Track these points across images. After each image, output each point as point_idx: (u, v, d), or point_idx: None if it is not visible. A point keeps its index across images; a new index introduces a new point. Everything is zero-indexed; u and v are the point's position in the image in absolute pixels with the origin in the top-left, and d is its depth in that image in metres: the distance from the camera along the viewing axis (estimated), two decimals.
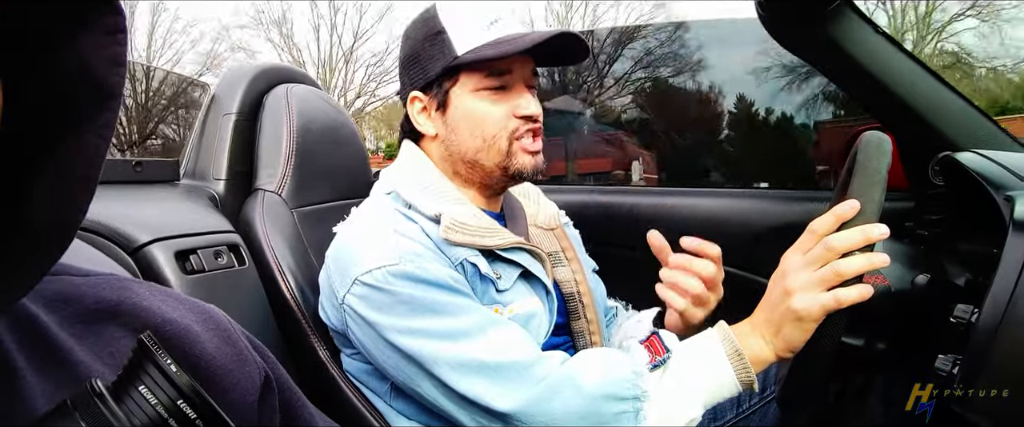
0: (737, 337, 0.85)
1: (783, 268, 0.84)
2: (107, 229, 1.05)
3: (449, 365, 0.85)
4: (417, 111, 1.06)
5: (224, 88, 1.38)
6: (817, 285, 0.79)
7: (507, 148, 1.01)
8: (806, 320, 0.80)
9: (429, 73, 1.02)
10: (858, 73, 1.12)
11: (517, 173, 1.03)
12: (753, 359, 0.84)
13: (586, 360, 0.87)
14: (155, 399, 0.32)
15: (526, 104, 1.01)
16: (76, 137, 0.40)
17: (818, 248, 0.81)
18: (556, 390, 0.83)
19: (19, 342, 0.42)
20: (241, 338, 0.55)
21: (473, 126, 1.01)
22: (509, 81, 1.01)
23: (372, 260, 0.90)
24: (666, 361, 0.84)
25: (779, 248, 1.49)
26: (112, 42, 0.40)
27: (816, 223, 0.82)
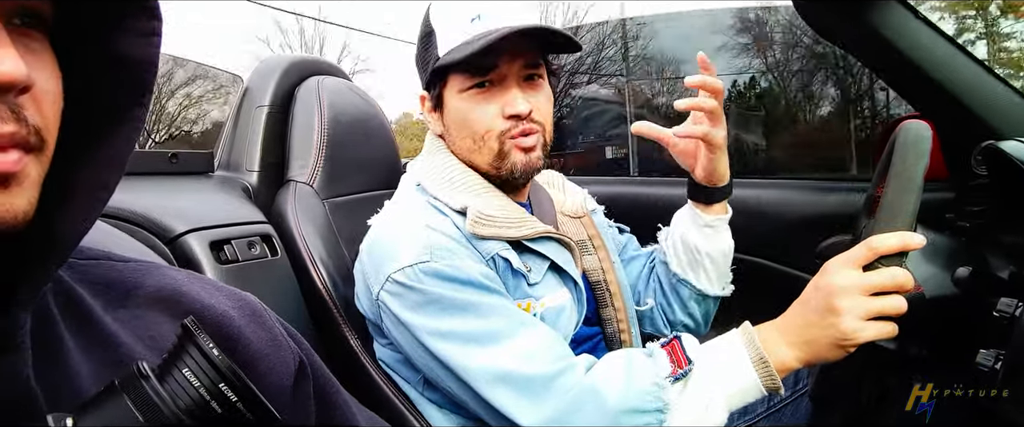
0: (762, 342, 0.82)
1: (831, 281, 0.78)
2: (145, 219, 1.07)
3: (476, 373, 0.85)
4: (427, 111, 1.06)
5: (257, 80, 1.40)
6: (870, 313, 0.76)
7: (499, 148, 0.98)
8: (847, 346, 0.77)
9: (425, 74, 1.02)
10: (897, 60, 1.09)
11: (508, 173, 0.99)
12: (777, 365, 0.81)
13: (609, 369, 0.86)
14: (198, 382, 0.33)
15: (512, 101, 0.96)
16: (111, 128, 0.43)
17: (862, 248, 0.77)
18: (579, 404, 0.82)
19: (68, 322, 0.44)
20: (276, 324, 0.57)
21: (463, 127, 1.00)
22: (496, 78, 0.97)
23: (405, 257, 0.90)
24: (688, 373, 0.82)
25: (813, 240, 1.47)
26: (147, 44, 0.43)
27: (877, 240, 0.77)
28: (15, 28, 0.37)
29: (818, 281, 0.80)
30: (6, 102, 0.35)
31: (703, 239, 1.12)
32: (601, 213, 1.25)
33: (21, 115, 0.36)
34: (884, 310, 0.76)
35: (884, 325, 0.76)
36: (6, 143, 0.35)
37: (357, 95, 1.44)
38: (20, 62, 0.34)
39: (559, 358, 0.87)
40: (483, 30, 0.94)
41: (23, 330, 0.39)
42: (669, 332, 1.20)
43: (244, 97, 1.40)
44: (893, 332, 0.76)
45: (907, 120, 0.88)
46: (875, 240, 0.77)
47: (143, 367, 0.32)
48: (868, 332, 0.76)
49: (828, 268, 0.80)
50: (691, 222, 1.13)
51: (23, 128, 0.35)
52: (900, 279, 0.76)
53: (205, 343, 0.33)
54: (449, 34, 0.97)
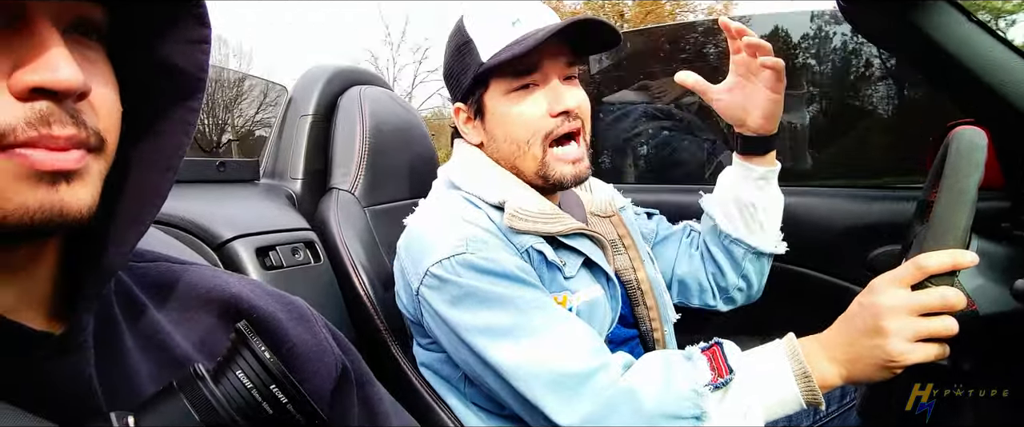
0: (806, 356, 0.81)
1: (878, 301, 0.76)
2: (194, 225, 1.11)
3: (513, 369, 0.85)
4: (462, 122, 1.07)
5: (301, 90, 1.43)
6: (919, 335, 0.73)
7: (542, 156, 0.99)
8: (894, 368, 0.75)
9: (462, 84, 1.02)
10: (949, 64, 1.06)
11: (557, 183, 1.01)
12: (820, 381, 0.80)
13: (647, 371, 0.85)
14: (250, 383, 0.33)
15: (557, 98, 0.98)
16: (162, 133, 0.44)
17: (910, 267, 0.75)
18: (615, 406, 0.82)
19: (128, 323, 0.46)
20: (322, 329, 0.58)
21: (506, 131, 1.01)
22: (539, 78, 0.99)
23: (441, 250, 0.91)
24: (728, 382, 0.81)
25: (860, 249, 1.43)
26: (197, 51, 0.45)
27: (925, 258, 0.74)
28: (72, 37, 0.39)
29: (864, 299, 0.78)
30: (65, 107, 0.37)
31: (758, 192, 1.12)
32: (630, 210, 1.24)
33: (80, 119, 0.37)
34: (933, 332, 0.73)
35: (933, 347, 0.74)
36: (67, 144, 0.37)
37: (398, 104, 1.46)
38: (77, 69, 0.36)
39: (595, 354, 0.86)
40: (527, 31, 0.96)
41: (86, 331, 0.40)
42: (720, 301, 1.21)
43: (289, 106, 1.43)
44: (942, 354, 0.74)
45: (961, 126, 0.85)
46: (924, 258, 0.74)
47: (199, 369, 0.34)
48: (916, 354, 0.73)
49: (875, 287, 0.78)
50: (743, 179, 1.12)
51: (82, 131, 0.37)
52: (951, 299, 0.73)
53: (257, 346, 0.34)
54: (491, 40, 0.98)
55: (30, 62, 0.35)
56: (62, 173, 0.37)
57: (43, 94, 0.36)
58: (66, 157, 0.37)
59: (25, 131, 0.35)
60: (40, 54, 0.35)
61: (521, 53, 0.93)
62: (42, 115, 0.36)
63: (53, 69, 0.35)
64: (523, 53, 0.93)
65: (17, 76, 0.35)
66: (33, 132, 0.35)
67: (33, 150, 0.36)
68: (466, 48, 1.01)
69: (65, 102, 0.37)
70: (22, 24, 0.36)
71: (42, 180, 0.36)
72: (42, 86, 0.35)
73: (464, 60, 1.01)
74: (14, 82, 0.35)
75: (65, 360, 0.39)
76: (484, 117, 1.03)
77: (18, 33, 0.36)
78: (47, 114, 0.36)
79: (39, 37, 0.36)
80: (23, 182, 0.35)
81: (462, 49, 1.02)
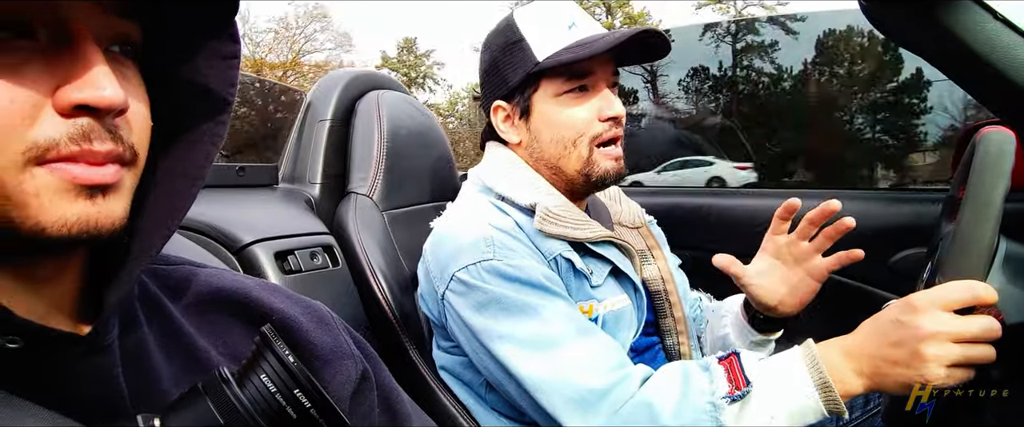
0: (827, 365, 0.78)
1: (921, 324, 0.73)
2: (214, 230, 1.11)
3: (533, 379, 0.86)
4: (501, 120, 1.06)
5: (319, 95, 1.44)
6: (957, 361, 0.71)
7: (588, 155, 1.00)
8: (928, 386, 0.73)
9: (510, 81, 1.02)
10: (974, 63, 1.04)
11: (600, 180, 1.02)
12: (841, 391, 0.78)
13: (664, 383, 0.84)
14: (274, 387, 0.33)
15: (608, 106, 1.00)
16: (190, 143, 0.46)
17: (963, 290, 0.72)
18: (632, 418, 0.82)
19: (152, 325, 0.46)
20: (342, 332, 0.58)
21: (555, 131, 1.01)
22: (590, 82, 1.00)
23: (468, 256, 0.92)
24: (746, 394, 0.80)
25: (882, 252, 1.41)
26: (228, 66, 0.47)
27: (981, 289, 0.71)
28: (112, 55, 0.40)
29: (903, 317, 0.75)
30: (104, 124, 0.38)
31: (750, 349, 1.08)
32: (658, 226, 1.24)
33: (118, 135, 0.39)
34: (972, 360, 0.71)
35: (965, 371, 0.72)
36: (105, 159, 0.38)
37: (415, 108, 1.47)
38: (119, 88, 0.37)
39: (616, 368, 0.86)
40: (582, 36, 0.98)
41: (112, 333, 0.41)
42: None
43: (307, 111, 1.44)
44: (971, 376, 0.72)
45: (988, 128, 0.83)
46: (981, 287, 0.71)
47: (224, 372, 0.34)
48: (950, 381, 0.72)
49: (917, 306, 0.74)
50: (739, 335, 1.11)
51: (119, 146, 0.39)
52: (995, 330, 0.71)
53: (282, 350, 0.34)
54: (546, 41, 0.99)
55: (75, 80, 0.37)
56: (99, 187, 0.38)
57: (85, 111, 0.37)
58: (104, 172, 0.38)
59: (68, 146, 0.36)
60: (85, 72, 0.37)
61: (585, 57, 0.95)
62: (84, 131, 0.37)
63: (98, 87, 0.37)
64: (586, 57, 0.95)
65: (62, 93, 0.36)
66: (75, 147, 0.37)
67: (74, 164, 0.37)
68: (518, 46, 1.01)
69: (105, 118, 0.38)
70: (67, 42, 0.37)
71: (81, 193, 0.37)
72: (86, 103, 0.37)
73: (514, 58, 1.02)
74: (59, 99, 0.37)
75: (92, 361, 0.39)
76: (530, 116, 1.03)
77: (63, 51, 0.37)
78: (88, 130, 0.37)
79: (83, 55, 0.37)
80: (63, 195, 0.37)
81: (513, 47, 1.02)
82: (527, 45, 1.00)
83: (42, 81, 0.36)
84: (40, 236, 0.36)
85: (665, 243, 1.21)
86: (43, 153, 0.36)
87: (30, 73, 0.36)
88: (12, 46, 0.36)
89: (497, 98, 1.06)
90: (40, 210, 0.36)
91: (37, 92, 0.36)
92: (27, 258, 0.39)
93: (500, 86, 1.04)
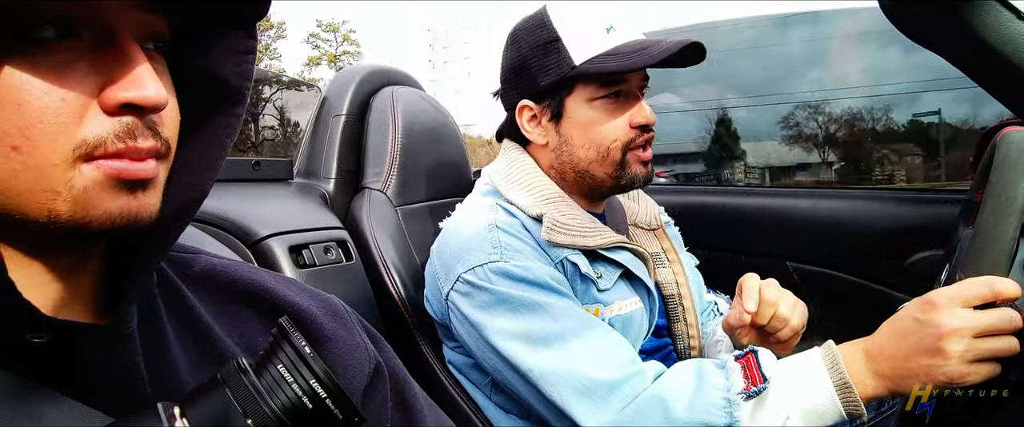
0: (847, 365, 0.77)
1: (942, 321, 0.71)
2: (229, 223, 1.12)
3: (542, 374, 0.85)
4: (526, 120, 1.03)
5: (334, 91, 1.44)
6: (980, 356, 0.70)
7: (620, 159, 0.99)
8: (950, 387, 0.72)
9: (541, 82, 0.98)
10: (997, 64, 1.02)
11: (629, 184, 1.01)
12: (861, 392, 0.76)
13: (678, 379, 0.83)
14: (291, 378, 0.34)
15: (641, 113, 0.98)
16: (206, 135, 0.47)
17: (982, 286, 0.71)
18: (644, 413, 0.80)
19: (170, 314, 0.47)
20: (356, 326, 0.58)
21: (588, 137, 0.99)
22: (624, 89, 0.98)
23: (474, 257, 0.91)
24: (763, 390, 0.78)
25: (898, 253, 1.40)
26: (244, 61, 0.47)
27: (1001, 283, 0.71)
28: (148, 52, 0.41)
29: (922, 316, 0.74)
30: (146, 121, 0.39)
31: None
32: (675, 228, 1.23)
33: (157, 130, 0.40)
34: (995, 353, 0.70)
35: (989, 366, 0.71)
36: (146, 155, 0.40)
37: (429, 104, 1.47)
38: (162, 87, 0.39)
39: (627, 364, 0.85)
40: (622, 41, 0.96)
41: (132, 322, 0.41)
42: None
43: (322, 107, 1.45)
44: (996, 372, 0.71)
45: (1009, 128, 0.82)
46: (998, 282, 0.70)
47: (243, 362, 0.34)
48: (974, 377, 0.71)
49: (936, 304, 0.73)
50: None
51: (158, 141, 0.40)
52: (1017, 321, 0.70)
53: (298, 341, 0.34)
54: (585, 43, 0.96)
55: (120, 79, 0.38)
56: (140, 181, 0.39)
57: (130, 109, 0.38)
58: (146, 167, 0.39)
59: (114, 143, 0.38)
60: (128, 71, 0.38)
61: (629, 69, 0.93)
62: (129, 129, 0.38)
63: (143, 87, 0.38)
64: (630, 69, 0.93)
65: (109, 93, 0.38)
66: (121, 144, 0.38)
67: (119, 161, 0.38)
68: (553, 46, 0.97)
69: (146, 116, 0.39)
70: (109, 42, 0.38)
71: (123, 188, 0.39)
72: (133, 102, 0.38)
73: (548, 59, 0.98)
74: (105, 98, 0.38)
75: (112, 350, 0.40)
76: (561, 119, 1.00)
77: (107, 50, 0.38)
78: (132, 127, 0.39)
79: (126, 55, 0.38)
80: (108, 190, 0.38)
81: (548, 47, 0.98)
82: (563, 46, 0.97)
83: (89, 80, 0.38)
84: (84, 229, 0.38)
85: (681, 246, 1.20)
86: (91, 150, 0.37)
87: (77, 73, 0.37)
88: (59, 47, 0.37)
89: (525, 98, 1.02)
90: (86, 205, 0.38)
91: (84, 91, 0.37)
92: (56, 250, 0.40)
93: (529, 86, 1.00)
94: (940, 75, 1.93)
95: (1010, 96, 1.15)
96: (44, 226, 0.37)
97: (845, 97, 2.19)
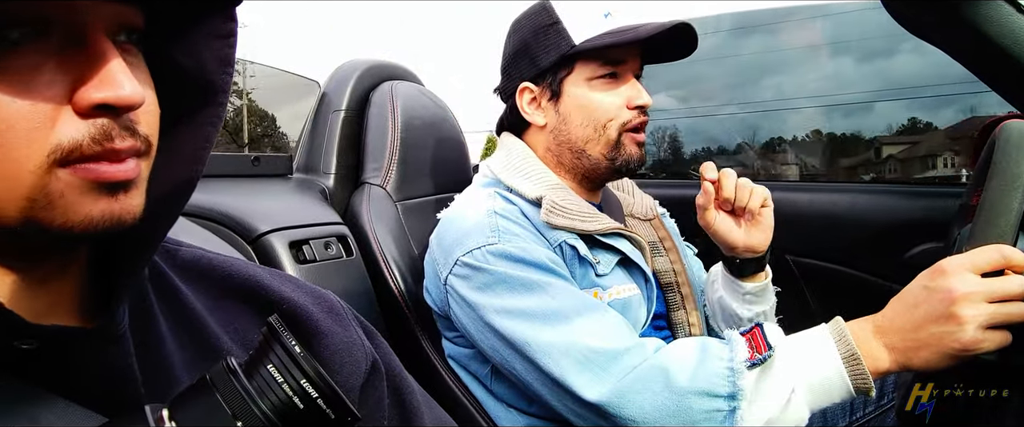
0: (855, 339, 0.76)
1: (953, 286, 0.71)
2: (229, 219, 1.12)
3: (541, 348, 0.84)
4: (527, 102, 1.07)
5: (333, 86, 1.44)
6: (994, 321, 0.69)
7: (616, 138, 1.02)
8: (965, 356, 0.70)
9: (541, 63, 1.03)
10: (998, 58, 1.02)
11: (624, 164, 1.03)
12: (870, 366, 0.75)
13: (681, 350, 0.83)
14: (281, 378, 0.34)
15: (638, 95, 1.02)
16: (190, 126, 0.45)
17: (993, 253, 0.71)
18: (645, 382, 0.79)
19: (162, 307, 0.47)
20: (352, 322, 0.58)
21: (586, 115, 1.02)
22: (622, 71, 1.02)
23: (473, 240, 0.92)
24: (767, 359, 0.77)
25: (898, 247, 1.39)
26: (224, 45, 0.45)
27: (1011, 251, 0.70)
28: (121, 46, 0.39)
29: (931, 283, 0.73)
30: (122, 121, 0.38)
31: (747, 307, 1.09)
32: (672, 220, 1.24)
33: (135, 129, 0.39)
34: (1010, 317, 0.69)
35: (1002, 334, 0.70)
36: (125, 155, 0.38)
37: (429, 99, 1.47)
38: (137, 85, 0.37)
39: (627, 337, 0.85)
40: (618, 25, 1.00)
41: (123, 322, 0.41)
42: None
43: (321, 102, 1.45)
44: (1007, 340, 0.70)
45: (1009, 120, 0.82)
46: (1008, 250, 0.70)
47: (232, 363, 0.34)
48: (988, 343, 0.69)
49: (947, 270, 0.72)
50: (727, 289, 1.11)
51: (137, 140, 0.39)
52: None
53: (288, 341, 0.34)
54: (584, 25, 1.01)
55: (91, 78, 0.36)
56: (121, 183, 0.38)
57: (104, 110, 0.37)
58: (126, 168, 0.38)
59: (91, 147, 0.36)
60: (100, 69, 0.36)
61: (625, 41, 0.97)
62: (105, 130, 0.37)
63: (117, 86, 0.36)
64: (626, 42, 0.97)
65: (82, 94, 0.36)
66: (98, 147, 0.37)
67: (97, 164, 0.37)
68: (553, 29, 1.02)
69: (122, 115, 0.38)
70: (80, 39, 0.37)
71: (103, 191, 0.37)
72: (107, 103, 0.36)
73: (548, 40, 1.03)
74: (78, 100, 0.36)
75: (105, 352, 0.40)
76: (560, 99, 1.04)
77: (77, 49, 0.37)
78: (109, 128, 0.37)
79: (97, 52, 0.37)
80: (87, 194, 0.37)
81: (548, 29, 1.03)
82: (563, 28, 1.02)
83: (58, 82, 0.36)
84: (66, 235, 0.37)
85: (678, 236, 1.20)
86: (67, 155, 0.36)
87: (46, 75, 0.36)
88: (26, 49, 0.35)
89: (525, 80, 1.06)
90: (66, 210, 0.36)
91: (55, 94, 0.36)
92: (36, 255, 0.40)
93: (529, 67, 1.05)
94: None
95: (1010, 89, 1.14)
96: (23, 234, 0.36)
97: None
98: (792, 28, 2.18)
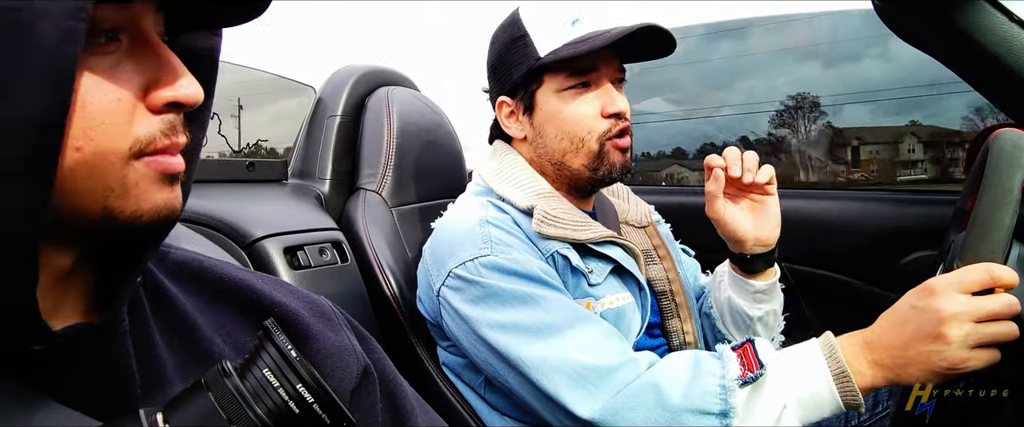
0: (845, 355, 0.77)
1: (941, 306, 0.71)
2: (223, 224, 1.12)
3: (534, 363, 0.84)
4: (505, 115, 1.06)
5: (329, 91, 1.44)
6: (981, 340, 0.70)
7: (598, 150, 1.00)
8: (951, 374, 0.71)
9: (513, 77, 1.02)
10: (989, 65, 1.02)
11: (607, 173, 1.01)
12: (859, 382, 0.76)
13: (673, 366, 0.83)
14: (276, 381, 0.33)
15: (611, 102, 0.99)
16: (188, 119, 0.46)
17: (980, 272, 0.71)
18: (638, 399, 0.80)
19: (155, 309, 0.47)
20: (344, 327, 0.58)
21: (560, 128, 1.01)
22: (594, 78, 1.00)
23: (465, 252, 0.92)
24: (759, 377, 0.78)
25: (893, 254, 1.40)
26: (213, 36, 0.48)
27: (999, 270, 0.71)
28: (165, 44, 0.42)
29: (919, 303, 0.74)
30: (181, 117, 0.42)
31: (756, 306, 1.08)
32: (665, 226, 1.23)
33: (186, 126, 0.43)
34: (996, 337, 0.70)
35: (989, 352, 0.71)
36: (177, 150, 0.42)
37: (425, 105, 1.47)
38: (198, 86, 0.41)
39: (620, 353, 0.85)
40: (585, 32, 0.98)
41: (124, 322, 0.41)
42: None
43: (317, 107, 1.45)
44: (996, 357, 0.71)
45: (1001, 129, 0.82)
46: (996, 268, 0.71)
47: (227, 366, 0.34)
48: (975, 362, 0.70)
49: (934, 290, 0.73)
50: (735, 288, 1.09)
51: (187, 135, 0.43)
52: (1016, 306, 0.70)
53: (284, 344, 0.34)
54: (549, 36, 0.99)
55: (161, 78, 0.40)
56: (176, 175, 0.42)
57: (172, 107, 0.40)
58: (179, 161, 0.42)
59: (161, 140, 0.40)
60: (169, 71, 0.40)
61: (584, 53, 0.94)
62: (172, 125, 0.41)
63: (186, 87, 0.40)
64: (585, 53, 0.94)
65: (157, 93, 0.40)
66: (167, 141, 0.41)
67: (164, 156, 0.41)
68: (521, 42, 1.01)
69: (181, 114, 0.42)
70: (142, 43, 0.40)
71: (166, 182, 0.41)
72: (177, 101, 0.40)
73: (518, 54, 1.01)
74: (152, 99, 0.40)
75: (108, 350, 0.40)
76: (533, 112, 1.03)
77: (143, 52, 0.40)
78: (174, 124, 0.41)
79: (160, 54, 0.40)
80: (155, 185, 0.40)
81: (517, 42, 1.02)
82: (530, 40, 1.00)
83: (134, 81, 0.39)
84: (136, 222, 0.40)
85: (673, 243, 1.20)
86: (144, 147, 0.39)
87: (124, 73, 0.39)
88: (107, 49, 0.38)
89: (502, 94, 1.06)
90: (139, 199, 0.39)
91: (132, 91, 0.39)
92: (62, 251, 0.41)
93: (504, 82, 1.04)
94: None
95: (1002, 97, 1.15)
96: (98, 223, 0.39)
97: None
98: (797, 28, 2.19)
